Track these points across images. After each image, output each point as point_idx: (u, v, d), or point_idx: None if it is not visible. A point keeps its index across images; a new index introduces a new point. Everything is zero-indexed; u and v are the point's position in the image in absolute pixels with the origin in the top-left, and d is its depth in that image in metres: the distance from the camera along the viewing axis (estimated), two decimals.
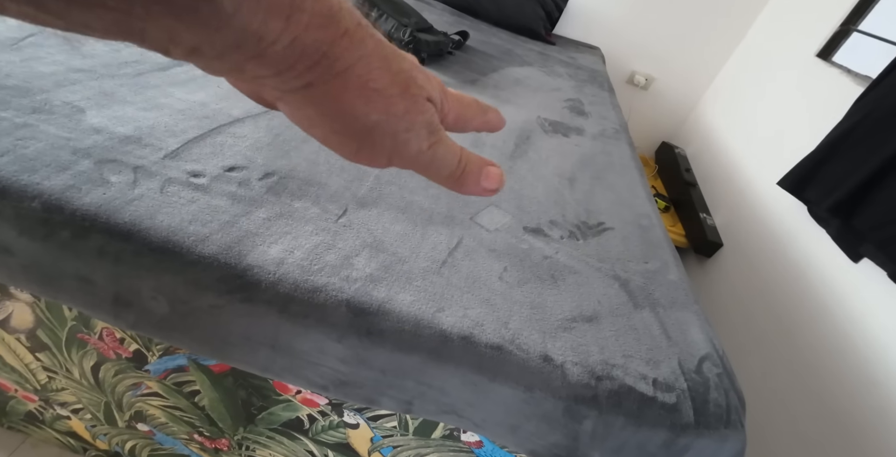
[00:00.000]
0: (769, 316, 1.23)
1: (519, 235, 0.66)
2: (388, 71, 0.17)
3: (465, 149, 0.21)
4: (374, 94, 0.17)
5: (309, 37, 0.15)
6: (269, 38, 0.14)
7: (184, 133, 0.61)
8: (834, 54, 1.48)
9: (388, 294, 0.47)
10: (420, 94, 0.18)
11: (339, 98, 0.17)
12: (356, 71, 0.16)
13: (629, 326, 0.54)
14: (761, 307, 1.27)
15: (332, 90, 0.16)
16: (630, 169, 0.99)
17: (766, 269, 1.30)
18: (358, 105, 0.17)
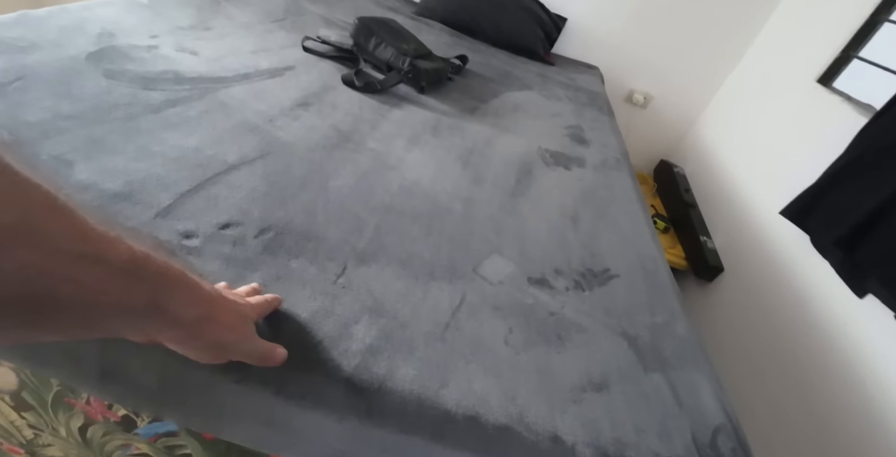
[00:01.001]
0: (769, 346, 1.21)
1: (523, 287, 0.64)
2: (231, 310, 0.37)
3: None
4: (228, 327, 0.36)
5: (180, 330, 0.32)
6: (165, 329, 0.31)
7: (176, 185, 0.59)
8: (835, 80, 1.48)
9: (389, 369, 0.45)
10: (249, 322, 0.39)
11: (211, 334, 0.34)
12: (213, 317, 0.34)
13: (640, 393, 0.52)
14: (762, 336, 1.25)
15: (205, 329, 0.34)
16: (632, 202, 0.98)
17: (767, 297, 1.28)
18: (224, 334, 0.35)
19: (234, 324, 0.34)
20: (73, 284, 0.21)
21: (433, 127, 1.03)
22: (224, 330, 0.33)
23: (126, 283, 0.24)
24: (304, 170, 0.71)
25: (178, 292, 0.28)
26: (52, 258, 0.20)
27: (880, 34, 1.44)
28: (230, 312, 0.34)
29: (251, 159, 0.69)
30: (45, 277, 0.20)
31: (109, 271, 0.23)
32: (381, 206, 0.70)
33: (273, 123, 0.81)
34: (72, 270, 0.21)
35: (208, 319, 0.31)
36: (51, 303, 0.20)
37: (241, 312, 0.36)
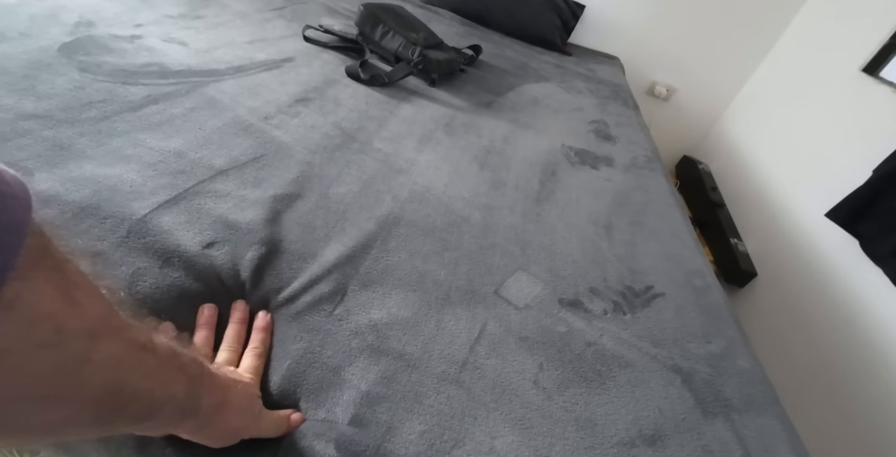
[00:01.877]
0: (811, 358, 1.11)
1: (554, 311, 0.55)
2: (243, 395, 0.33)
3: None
4: (238, 411, 0.32)
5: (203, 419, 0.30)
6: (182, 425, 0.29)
7: (153, 195, 0.51)
8: (882, 69, 1.35)
9: (391, 423, 0.37)
10: (259, 410, 0.34)
11: (217, 423, 0.31)
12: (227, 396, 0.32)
13: (701, 448, 0.43)
14: (801, 348, 1.15)
15: (215, 425, 0.31)
16: (671, 208, 0.88)
17: (808, 306, 1.18)
18: (231, 420, 0.32)
19: (244, 407, 0.32)
20: (140, 372, 0.22)
21: (446, 124, 0.94)
22: (236, 414, 0.31)
23: (173, 371, 0.25)
24: (302, 175, 0.62)
25: (206, 380, 0.28)
26: (128, 349, 0.21)
27: None
28: (242, 396, 0.32)
29: (242, 163, 0.61)
30: (123, 366, 0.21)
31: (160, 360, 0.24)
32: (388, 216, 0.61)
33: (269, 122, 0.72)
34: (139, 359, 0.22)
35: (222, 405, 0.29)
36: (124, 394, 0.21)
37: (251, 393, 0.34)
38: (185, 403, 0.26)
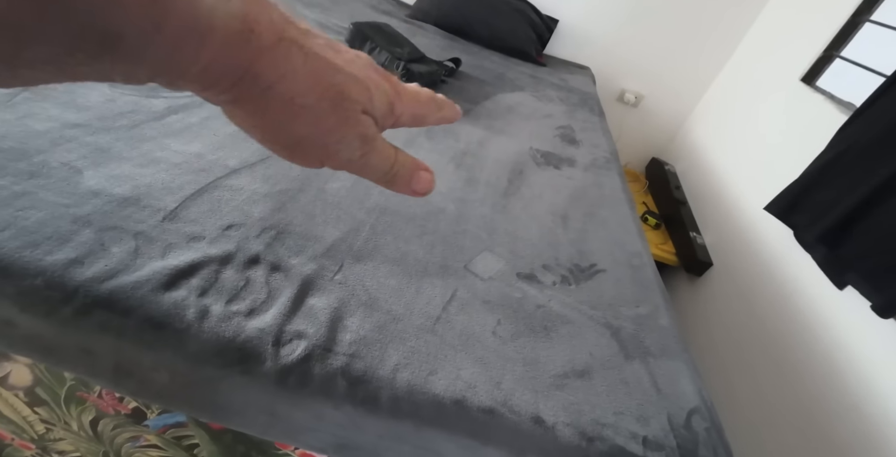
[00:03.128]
0: (756, 337, 1.25)
1: (513, 282, 0.67)
2: (318, 86, 0.17)
3: (402, 152, 0.22)
4: (301, 110, 0.17)
5: (224, 56, 0.15)
6: (184, 63, 0.15)
7: (181, 190, 0.62)
8: (818, 79, 1.52)
9: (382, 358, 0.48)
10: (354, 107, 0.18)
11: (265, 114, 0.17)
12: (280, 88, 0.16)
13: (620, 380, 0.55)
14: (749, 328, 1.29)
15: (258, 106, 0.17)
16: (621, 202, 1.01)
17: (754, 291, 1.32)
18: (284, 120, 0.17)
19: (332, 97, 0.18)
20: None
21: (427, 130, 1.07)
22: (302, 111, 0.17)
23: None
24: (303, 173, 0.74)
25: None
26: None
27: (861, 34, 1.48)
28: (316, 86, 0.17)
29: (251, 164, 0.73)
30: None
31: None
32: (376, 207, 0.73)
33: None
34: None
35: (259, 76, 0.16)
36: None
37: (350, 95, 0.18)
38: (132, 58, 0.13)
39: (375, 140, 0.20)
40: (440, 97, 0.24)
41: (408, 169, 0.22)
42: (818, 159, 1.19)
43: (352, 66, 0.18)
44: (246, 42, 0.15)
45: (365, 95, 0.19)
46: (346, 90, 0.18)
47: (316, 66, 0.17)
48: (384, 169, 0.21)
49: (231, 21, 0.15)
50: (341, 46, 0.19)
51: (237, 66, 0.15)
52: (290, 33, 0.16)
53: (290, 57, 0.16)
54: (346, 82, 0.18)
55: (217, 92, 0.16)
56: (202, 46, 0.14)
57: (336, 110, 0.18)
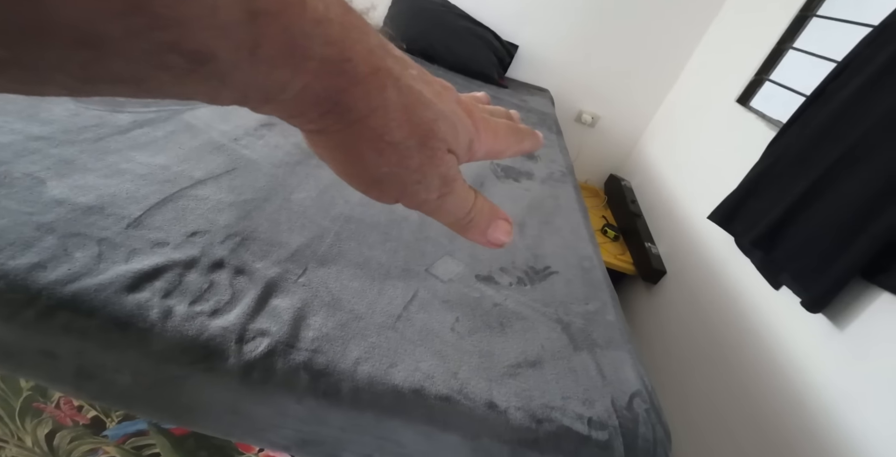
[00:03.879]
0: (708, 339, 1.33)
1: (471, 283, 0.71)
2: (408, 123, 0.16)
3: (481, 196, 0.20)
4: (388, 147, 0.16)
5: (319, 85, 0.14)
6: (274, 89, 0.14)
7: (145, 199, 0.64)
8: (751, 100, 1.67)
9: (344, 353, 0.51)
10: (440, 146, 0.17)
11: (351, 148, 0.16)
12: (371, 122, 0.16)
13: (569, 369, 0.59)
14: (701, 331, 1.37)
15: (345, 139, 0.16)
16: (574, 211, 1.08)
17: (704, 295, 1.41)
18: (369, 156, 0.16)
19: (420, 135, 0.17)
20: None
21: None
22: (389, 148, 0.17)
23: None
24: (269, 184, 0.77)
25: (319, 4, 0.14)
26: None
27: (786, 59, 1.65)
28: (406, 123, 0.17)
29: (217, 175, 0.75)
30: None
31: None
32: (341, 215, 0.76)
33: (238, 142, 0.86)
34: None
35: (351, 108, 0.15)
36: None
37: (438, 133, 0.17)
38: (219, 79, 0.13)
39: (455, 181, 0.19)
40: (522, 128, 0.22)
41: (485, 216, 0.20)
42: (751, 172, 1.31)
43: (441, 102, 0.17)
44: (341, 72, 0.14)
45: (451, 134, 0.18)
46: (435, 128, 0.17)
47: (408, 100, 0.16)
48: (460, 214, 0.19)
49: (328, 48, 0.14)
50: (430, 77, 0.18)
51: (329, 96, 0.15)
52: (386, 63, 0.15)
53: (384, 89, 0.15)
54: (436, 120, 0.17)
55: (305, 121, 0.16)
56: (296, 73, 0.14)
57: (422, 149, 0.17)
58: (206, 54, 0.12)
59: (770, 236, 1.16)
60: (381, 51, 0.16)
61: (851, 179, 1.02)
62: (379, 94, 0.15)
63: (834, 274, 0.94)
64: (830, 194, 1.05)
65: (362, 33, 0.15)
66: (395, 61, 0.16)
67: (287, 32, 0.13)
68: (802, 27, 1.61)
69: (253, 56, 0.13)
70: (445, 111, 0.17)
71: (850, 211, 0.97)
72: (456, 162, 0.19)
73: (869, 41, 1.17)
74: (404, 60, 0.17)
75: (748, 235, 1.22)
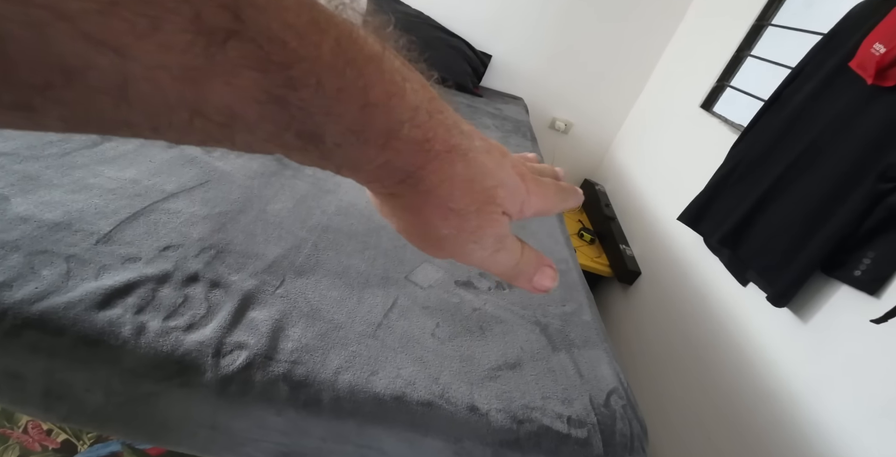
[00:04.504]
0: (681, 336, 1.37)
1: (451, 289, 0.72)
2: (471, 191, 0.18)
3: (528, 247, 0.22)
4: (451, 213, 0.18)
5: (401, 160, 0.16)
6: (364, 161, 0.16)
7: (115, 214, 0.62)
8: (714, 106, 1.75)
9: (324, 363, 0.51)
10: (496, 210, 0.19)
11: (418, 212, 0.18)
12: (439, 191, 0.17)
13: (548, 369, 0.61)
14: (675, 328, 1.41)
15: (413, 205, 0.18)
16: (550, 217, 1.11)
17: (677, 294, 1.45)
18: (433, 221, 0.18)
19: (480, 201, 0.18)
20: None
21: None
22: (451, 214, 0.18)
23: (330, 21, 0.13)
24: (243, 195, 0.76)
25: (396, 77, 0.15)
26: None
27: (745, 66, 1.74)
28: (469, 192, 0.18)
29: (190, 188, 0.74)
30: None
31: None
32: (318, 226, 0.76)
33: (211, 155, 0.86)
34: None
35: (423, 179, 0.17)
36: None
37: (496, 199, 0.19)
38: (323, 156, 0.15)
39: (507, 238, 0.20)
40: (566, 187, 0.24)
41: (532, 265, 0.22)
42: (716, 174, 1.37)
43: (500, 170, 0.19)
44: (422, 151, 0.16)
45: (508, 199, 0.19)
46: (494, 195, 0.19)
47: (472, 172, 0.18)
48: (510, 265, 0.21)
49: (415, 130, 0.16)
50: (490, 143, 0.20)
51: (407, 170, 0.16)
52: (457, 140, 0.17)
53: (454, 164, 0.17)
54: (496, 187, 0.19)
55: (379, 186, 0.17)
56: (384, 150, 0.15)
57: (480, 214, 0.18)
58: (319, 137, 0.14)
59: (736, 235, 1.20)
60: (456, 129, 0.17)
61: (807, 180, 1.08)
62: (450, 167, 0.17)
63: (795, 270, 0.98)
64: (789, 194, 1.10)
65: (443, 116, 0.17)
66: (464, 137, 0.18)
67: (388, 120, 0.15)
68: (759, 35, 1.70)
69: (357, 139, 0.15)
70: (504, 178, 0.19)
71: (807, 210, 1.02)
72: (508, 222, 0.20)
73: (819, 48, 1.25)
74: (471, 134, 0.18)
75: (715, 235, 1.27)
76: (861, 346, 0.87)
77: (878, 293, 0.88)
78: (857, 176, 0.97)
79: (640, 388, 1.50)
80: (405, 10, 2.07)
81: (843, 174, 0.99)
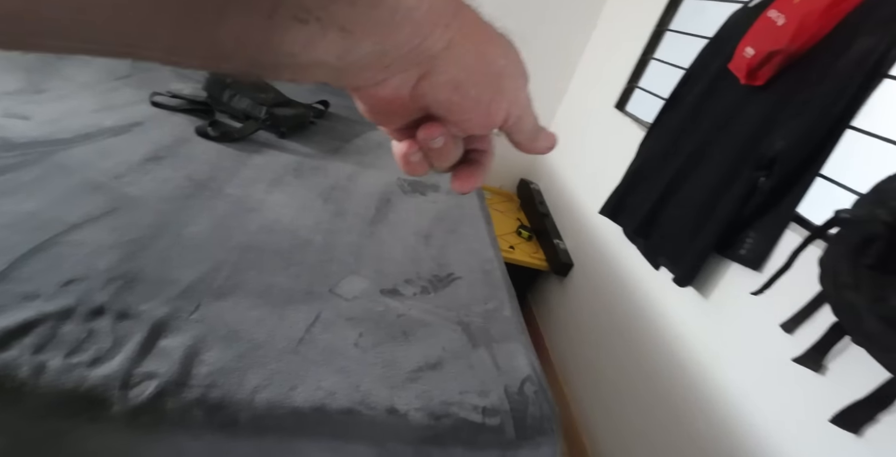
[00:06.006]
0: (610, 320, 1.48)
1: (376, 298, 0.75)
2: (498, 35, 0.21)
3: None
4: (497, 38, 0.20)
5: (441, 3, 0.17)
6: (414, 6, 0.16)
7: (12, 250, 0.60)
8: (626, 106, 1.90)
9: (241, 384, 0.52)
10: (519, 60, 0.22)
11: (477, 46, 0.19)
12: (479, 21, 0.19)
13: (468, 366, 0.65)
14: (605, 314, 1.52)
15: (469, 41, 0.18)
16: (478, 219, 1.16)
17: (605, 282, 1.56)
18: (489, 49, 0.20)
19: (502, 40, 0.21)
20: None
21: (295, 169, 1.12)
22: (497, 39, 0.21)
23: None
24: (157, 221, 0.75)
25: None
26: None
27: (650, 69, 1.89)
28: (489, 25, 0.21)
29: (96, 217, 0.72)
30: None
31: None
32: (239, 245, 0.76)
33: (120, 180, 0.83)
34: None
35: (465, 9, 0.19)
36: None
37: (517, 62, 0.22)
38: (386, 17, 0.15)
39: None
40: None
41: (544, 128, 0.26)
42: (628, 170, 1.49)
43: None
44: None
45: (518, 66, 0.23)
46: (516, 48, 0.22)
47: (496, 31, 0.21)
48: (536, 120, 0.24)
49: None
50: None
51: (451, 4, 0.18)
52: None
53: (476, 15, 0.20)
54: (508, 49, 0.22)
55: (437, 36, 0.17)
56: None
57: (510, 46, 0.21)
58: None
59: (647, 225, 1.32)
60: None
61: (700, 172, 1.20)
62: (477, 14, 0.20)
63: (694, 253, 1.10)
64: (686, 186, 1.23)
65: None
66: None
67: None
68: (660, 40, 1.86)
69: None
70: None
71: (701, 199, 1.15)
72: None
73: (704, 52, 1.39)
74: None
75: (631, 226, 1.38)
76: (749, 315, 1.00)
77: (760, 268, 1.00)
78: (737, 166, 1.09)
79: (578, 369, 1.59)
80: None
81: (728, 165, 1.12)
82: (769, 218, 1.01)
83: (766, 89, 1.11)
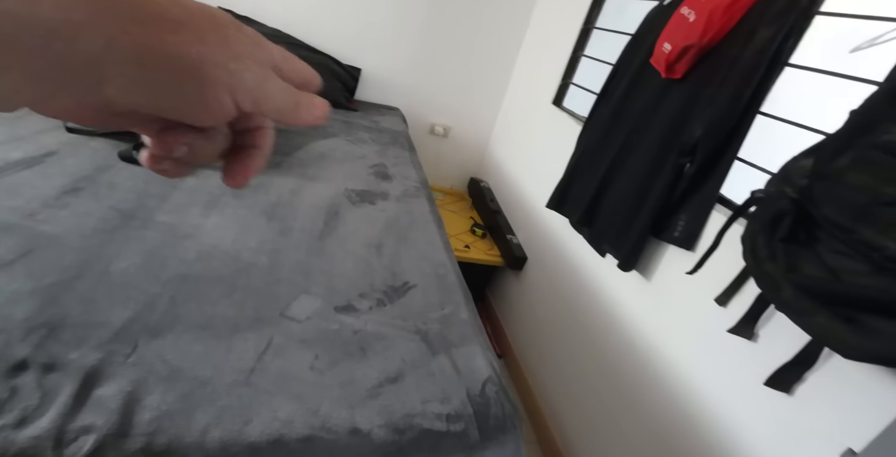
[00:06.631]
0: (565, 308, 1.54)
1: (330, 316, 0.74)
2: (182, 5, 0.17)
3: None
4: (179, 26, 0.17)
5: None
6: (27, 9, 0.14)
7: None
8: (563, 101, 1.97)
9: (189, 425, 0.49)
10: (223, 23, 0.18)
11: (150, 39, 0.16)
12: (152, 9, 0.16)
13: (428, 374, 0.65)
14: (560, 303, 1.58)
15: (139, 34, 0.16)
16: (429, 223, 1.17)
17: (558, 272, 1.62)
18: (171, 38, 0.17)
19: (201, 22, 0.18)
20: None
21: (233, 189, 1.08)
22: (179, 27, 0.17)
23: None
24: (79, 259, 0.69)
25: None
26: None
27: (581, 65, 1.98)
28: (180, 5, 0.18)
29: (9, 261, 0.65)
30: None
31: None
32: (175, 277, 0.72)
33: (34, 218, 0.76)
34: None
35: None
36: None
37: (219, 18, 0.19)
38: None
39: (265, 65, 0.19)
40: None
41: (307, 97, 0.21)
42: (569, 162, 1.55)
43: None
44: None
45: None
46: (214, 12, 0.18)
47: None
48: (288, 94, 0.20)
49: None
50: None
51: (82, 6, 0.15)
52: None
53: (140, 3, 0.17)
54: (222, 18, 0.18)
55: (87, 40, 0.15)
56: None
57: (216, 30, 0.18)
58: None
59: (589, 215, 1.38)
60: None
61: (632, 161, 1.27)
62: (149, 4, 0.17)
63: (633, 237, 1.16)
64: (621, 175, 1.29)
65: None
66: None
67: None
68: (588, 38, 1.94)
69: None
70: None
71: (635, 186, 1.21)
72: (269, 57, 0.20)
73: (628, 48, 1.47)
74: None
75: (575, 216, 1.44)
76: (687, 293, 1.07)
77: (693, 248, 1.08)
78: (664, 154, 1.17)
79: (540, 358, 1.64)
80: (261, 30, 2.00)
81: (655, 154, 1.19)
82: (696, 201, 1.09)
83: (683, 81, 1.19)
